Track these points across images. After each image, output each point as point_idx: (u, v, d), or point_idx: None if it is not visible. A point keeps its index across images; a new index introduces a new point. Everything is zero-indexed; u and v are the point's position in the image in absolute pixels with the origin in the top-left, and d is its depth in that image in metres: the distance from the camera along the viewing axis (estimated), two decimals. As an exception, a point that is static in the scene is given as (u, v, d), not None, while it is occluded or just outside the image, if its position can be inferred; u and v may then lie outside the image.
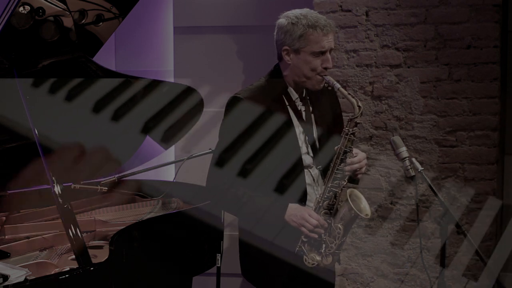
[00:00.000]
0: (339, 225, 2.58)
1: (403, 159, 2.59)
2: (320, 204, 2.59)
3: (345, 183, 2.59)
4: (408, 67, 3.87)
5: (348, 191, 2.58)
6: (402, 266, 3.96)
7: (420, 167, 2.58)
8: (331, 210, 2.59)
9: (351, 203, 2.54)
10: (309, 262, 2.59)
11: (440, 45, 3.81)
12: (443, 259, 2.58)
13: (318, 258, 2.59)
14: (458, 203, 3.84)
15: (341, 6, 3.91)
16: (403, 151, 2.60)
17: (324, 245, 2.58)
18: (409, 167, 2.58)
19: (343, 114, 2.91)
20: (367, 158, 2.72)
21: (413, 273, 3.94)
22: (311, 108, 2.72)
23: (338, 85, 2.58)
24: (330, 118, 2.76)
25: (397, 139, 2.63)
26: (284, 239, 2.59)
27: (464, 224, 3.79)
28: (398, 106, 3.89)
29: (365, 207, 2.60)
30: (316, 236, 2.56)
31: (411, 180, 2.59)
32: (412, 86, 3.86)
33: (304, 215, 2.56)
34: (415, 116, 3.87)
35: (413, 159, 2.60)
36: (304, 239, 2.59)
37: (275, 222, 2.58)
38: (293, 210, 2.58)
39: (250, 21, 4.27)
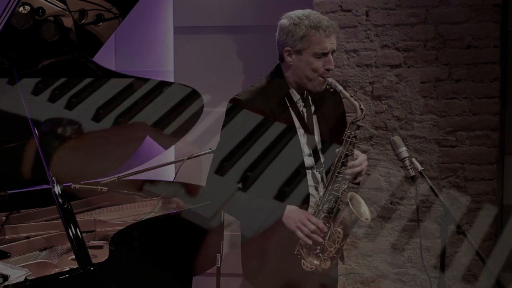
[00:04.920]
0: (339, 229, 2.55)
1: (403, 159, 2.58)
2: (320, 208, 2.56)
3: (345, 187, 2.56)
4: (408, 67, 3.87)
5: (349, 194, 2.54)
6: (402, 266, 3.96)
7: (420, 167, 2.57)
8: (331, 213, 2.56)
9: (351, 207, 2.52)
10: (307, 266, 2.56)
11: (440, 45, 3.81)
12: (443, 259, 2.58)
13: (316, 262, 2.56)
14: (458, 203, 3.84)
15: (341, 6, 3.91)
16: (403, 151, 2.59)
17: (323, 249, 2.56)
18: (409, 167, 2.57)
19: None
20: (367, 158, 2.70)
21: (413, 273, 3.94)
22: (313, 110, 2.70)
23: (340, 87, 2.55)
24: (332, 120, 2.73)
25: (397, 139, 2.62)
26: (284, 241, 2.58)
27: (464, 224, 3.79)
28: (398, 106, 3.89)
29: (365, 211, 2.57)
30: (310, 242, 2.53)
31: (411, 180, 2.58)
32: (412, 86, 3.86)
33: (302, 218, 2.53)
34: (415, 116, 3.87)
35: (413, 159, 2.59)
36: (303, 242, 2.56)
37: (273, 223, 2.57)
38: (291, 212, 2.55)
39: (250, 21, 4.26)
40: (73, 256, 2.69)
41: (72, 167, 3.33)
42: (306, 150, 2.65)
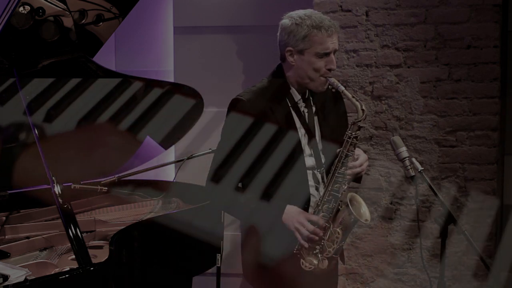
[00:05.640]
0: (338, 230, 2.55)
1: (403, 159, 2.58)
2: (320, 208, 2.56)
3: (346, 187, 2.56)
4: (408, 67, 3.87)
5: (349, 195, 2.54)
6: (402, 266, 3.96)
7: (420, 167, 2.57)
8: (330, 214, 2.56)
9: (351, 208, 2.51)
10: (306, 266, 2.56)
11: (440, 45, 3.81)
12: (443, 259, 2.58)
13: (315, 261, 2.56)
14: (458, 203, 3.84)
15: (341, 6, 3.91)
16: (403, 151, 2.59)
17: (322, 249, 2.56)
18: (409, 167, 2.57)
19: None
20: (367, 158, 2.70)
21: (413, 273, 3.94)
22: (314, 109, 2.69)
23: (342, 87, 2.53)
24: (333, 120, 2.73)
25: (397, 139, 2.62)
26: (284, 241, 2.58)
27: (464, 224, 3.79)
28: (398, 106, 3.89)
29: (365, 212, 2.57)
30: (306, 245, 2.53)
31: (411, 180, 2.58)
32: (412, 86, 3.86)
33: (300, 219, 2.53)
34: (415, 116, 3.87)
35: (413, 159, 2.59)
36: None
37: (273, 223, 2.57)
38: (291, 212, 2.55)
39: (250, 21, 4.27)
40: (73, 256, 2.69)
41: (70, 167, 3.34)
42: (307, 150, 2.64)
